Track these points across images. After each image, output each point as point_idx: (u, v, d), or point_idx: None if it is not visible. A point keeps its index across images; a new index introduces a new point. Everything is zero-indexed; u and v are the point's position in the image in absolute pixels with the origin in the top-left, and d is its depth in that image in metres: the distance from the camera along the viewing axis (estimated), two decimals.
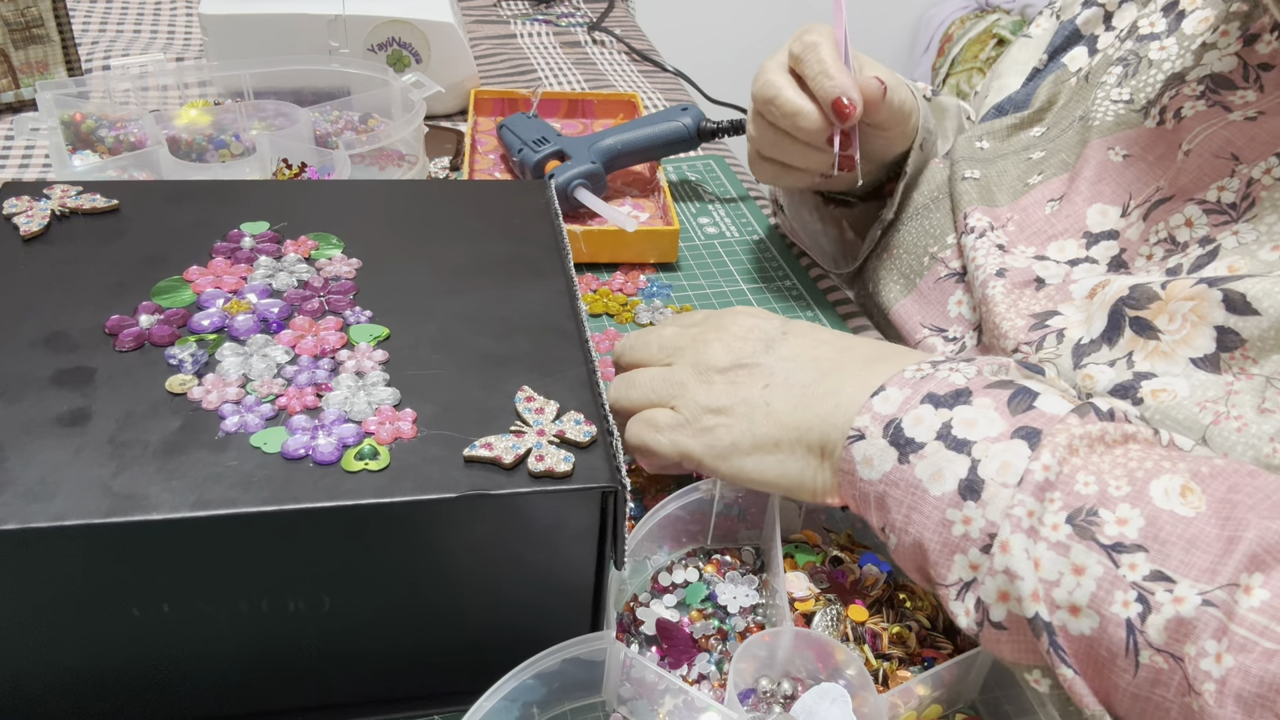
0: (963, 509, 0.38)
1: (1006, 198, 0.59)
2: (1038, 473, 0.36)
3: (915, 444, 0.39)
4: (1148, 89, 0.54)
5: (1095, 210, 0.54)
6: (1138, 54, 0.56)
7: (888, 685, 0.42)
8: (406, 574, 0.39)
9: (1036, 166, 0.59)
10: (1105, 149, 0.55)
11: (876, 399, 0.41)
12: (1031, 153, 0.60)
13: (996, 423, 0.38)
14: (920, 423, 0.40)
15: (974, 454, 0.38)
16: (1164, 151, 0.52)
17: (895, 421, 0.40)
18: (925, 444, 0.39)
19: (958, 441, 0.38)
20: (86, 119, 0.74)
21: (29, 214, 0.50)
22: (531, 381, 0.42)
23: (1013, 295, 0.53)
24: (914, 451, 0.39)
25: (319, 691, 0.42)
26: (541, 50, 1.13)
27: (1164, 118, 0.52)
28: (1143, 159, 0.53)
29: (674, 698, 0.40)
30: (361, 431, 0.39)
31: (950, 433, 0.39)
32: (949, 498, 0.38)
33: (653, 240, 0.74)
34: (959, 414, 0.39)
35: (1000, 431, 0.38)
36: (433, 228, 0.53)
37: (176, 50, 1.02)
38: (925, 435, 0.39)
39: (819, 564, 0.48)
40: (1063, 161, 0.58)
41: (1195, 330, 0.44)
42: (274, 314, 0.45)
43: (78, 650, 0.38)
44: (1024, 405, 0.39)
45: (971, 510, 0.37)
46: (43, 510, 0.34)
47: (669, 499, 0.48)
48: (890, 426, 0.40)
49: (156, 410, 0.39)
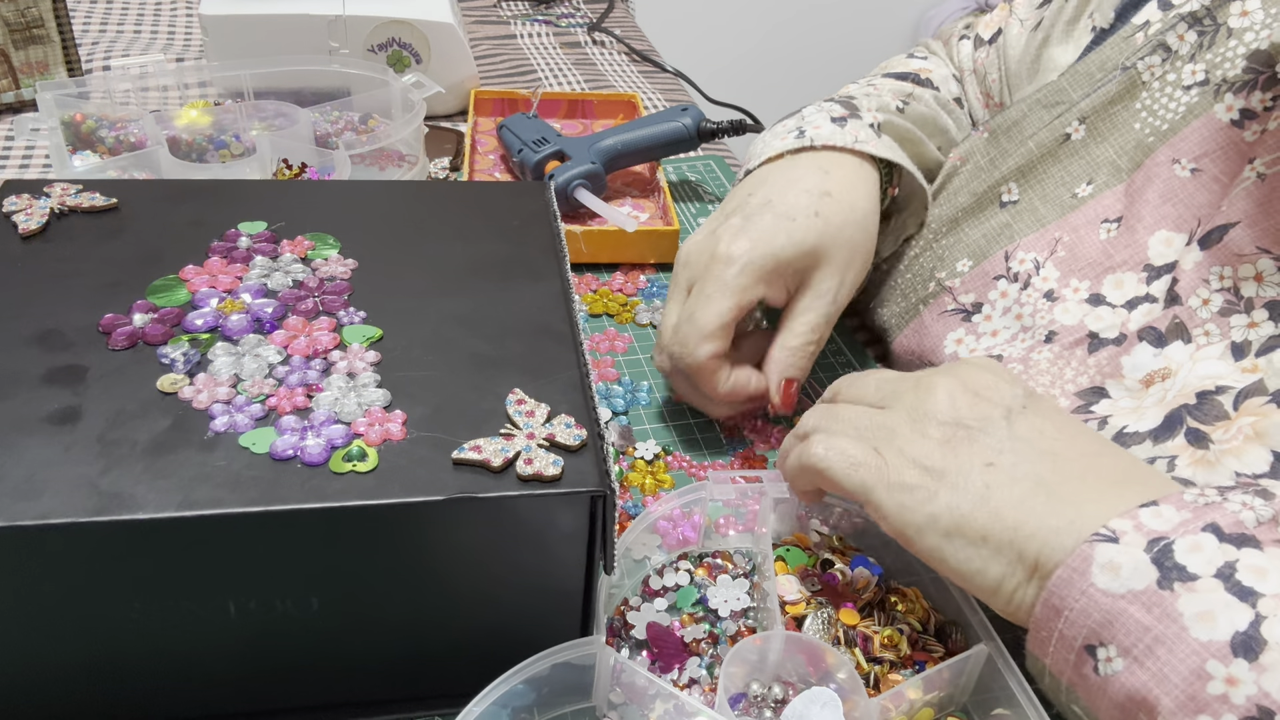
0: (1230, 665, 0.31)
1: (1054, 213, 0.54)
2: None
3: (1187, 573, 0.32)
4: (1225, 66, 0.47)
5: (1158, 239, 0.48)
6: (1214, 16, 0.49)
7: (879, 689, 0.42)
8: (394, 576, 0.39)
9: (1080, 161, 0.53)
10: (1170, 161, 0.48)
11: (1146, 511, 0.34)
12: (1067, 122, 0.54)
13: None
14: (1198, 551, 0.33)
15: (1261, 608, 0.31)
16: (1237, 167, 0.46)
17: (1166, 541, 0.33)
18: (1200, 577, 0.32)
19: (1242, 589, 0.32)
20: (87, 119, 0.75)
21: (28, 212, 0.50)
22: (523, 384, 0.42)
23: (1060, 363, 0.48)
24: (1183, 581, 0.32)
25: (307, 693, 0.42)
26: (541, 51, 1.13)
27: (1242, 120, 0.46)
28: (1214, 175, 0.47)
29: (664, 702, 0.40)
30: (350, 433, 0.39)
31: (1234, 575, 0.32)
32: (1216, 647, 0.31)
33: (653, 240, 0.74)
34: (1247, 557, 0.32)
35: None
36: (430, 229, 0.53)
37: (176, 50, 1.02)
38: (1202, 568, 0.32)
39: (810, 567, 0.48)
40: (1113, 165, 0.52)
41: (1248, 445, 0.40)
42: (268, 314, 0.45)
43: (65, 649, 0.38)
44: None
45: (1241, 671, 0.31)
46: (29, 508, 0.34)
47: (663, 500, 0.48)
48: (1157, 544, 0.33)
49: (147, 409, 0.39)
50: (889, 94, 0.66)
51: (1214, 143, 0.48)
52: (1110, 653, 0.34)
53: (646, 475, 0.55)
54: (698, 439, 0.59)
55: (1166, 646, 0.32)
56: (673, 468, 0.56)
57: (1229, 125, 0.47)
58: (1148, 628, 0.33)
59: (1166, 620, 0.32)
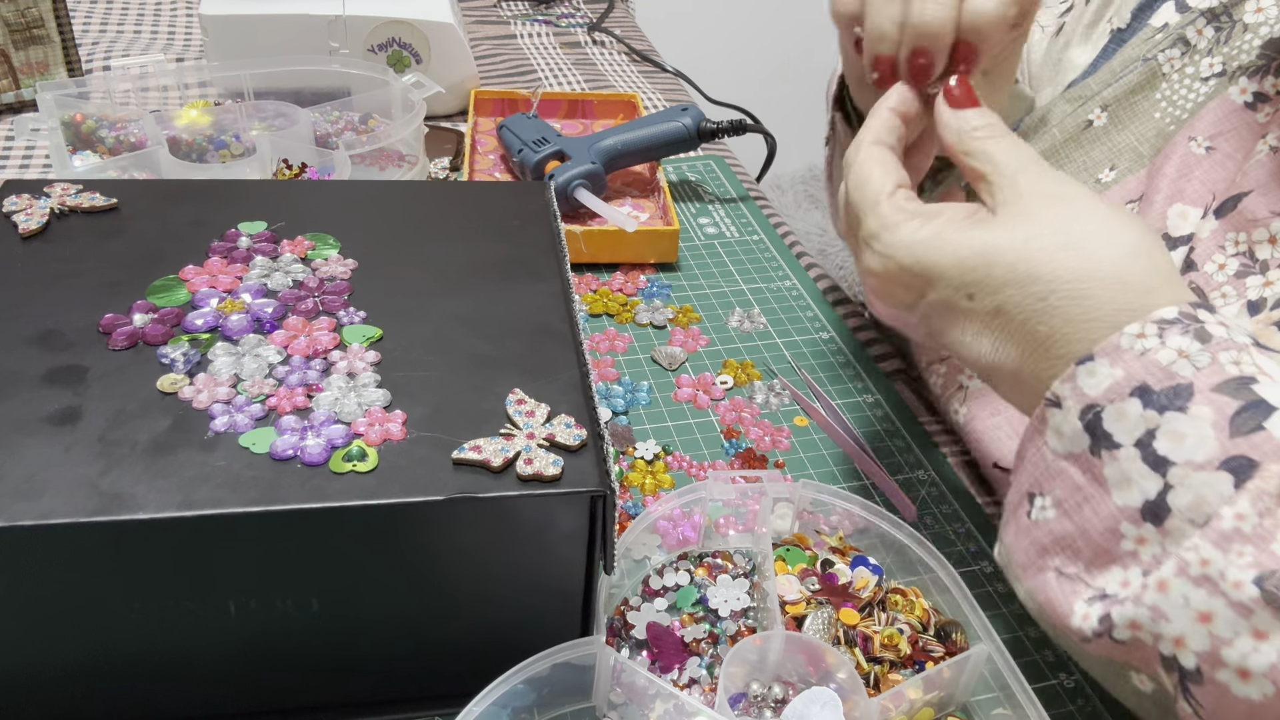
0: (1140, 528, 0.34)
1: None
2: (1227, 520, 0.32)
3: (1112, 441, 0.35)
4: (1240, 57, 0.49)
5: (1175, 212, 0.50)
6: (1231, 14, 0.50)
7: (879, 689, 0.42)
8: (394, 576, 0.39)
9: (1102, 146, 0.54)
10: (1187, 139, 0.50)
11: (1082, 370, 0.36)
12: (1090, 109, 0.55)
13: (1208, 444, 0.33)
14: (1123, 419, 0.35)
15: (1170, 478, 0.34)
16: (1251, 145, 0.48)
17: (1096, 409, 0.36)
18: (1122, 446, 0.35)
19: (1157, 458, 0.34)
20: (87, 119, 0.75)
21: (28, 212, 0.50)
22: (524, 384, 0.42)
23: None
24: (1108, 449, 0.35)
25: (307, 693, 0.42)
26: (541, 50, 1.13)
27: (1255, 103, 0.48)
28: (1227, 152, 0.48)
29: (664, 702, 0.40)
30: (350, 433, 0.39)
31: (1152, 444, 0.34)
32: (1129, 511, 0.35)
33: (653, 240, 0.74)
34: (1168, 424, 0.34)
35: (1208, 457, 0.33)
36: (430, 229, 0.53)
37: (176, 50, 1.02)
38: (1124, 437, 0.35)
39: (810, 566, 0.48)
40: (1135, 151, 0.53)
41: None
42: (268, 314, 0.45)
43: (65, 649, 0.38)
44: (1250, 425, 0.33)
45: (1149, 534, 0.34)
46: (30, 508, 0.34)
47: (663, 500, 0.48)
48: (1089, 413, 0.36)
49: (147, 409, 0.39)
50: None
51: (1228, 123, 0.49)
52: (1046, 502, 0.38)
53: (646, 475, 0.55)
54: (698, 439, 0.59)
55: (1091, 506, 0.36)
56: (673, 468, 0.56)
57: (1243, 107, 0.48)
58: (1079, 487, 0.36)
59: (1094, 483, 0.36)
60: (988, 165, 0.40)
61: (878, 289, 0.42)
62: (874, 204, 0.42)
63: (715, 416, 0.61)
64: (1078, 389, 0.36)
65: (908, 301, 0.41)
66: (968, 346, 0.40)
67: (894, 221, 0.41)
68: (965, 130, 0.42)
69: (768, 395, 0.63)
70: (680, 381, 0.63)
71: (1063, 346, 0.37)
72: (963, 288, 0.39)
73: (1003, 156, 0.40)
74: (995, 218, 0.39)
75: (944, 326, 0.41)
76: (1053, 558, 0.38)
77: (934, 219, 0.40)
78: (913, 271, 0.40)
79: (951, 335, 0.41)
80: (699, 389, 0.62)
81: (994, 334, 0.39)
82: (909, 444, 0.60)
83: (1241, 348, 0.35)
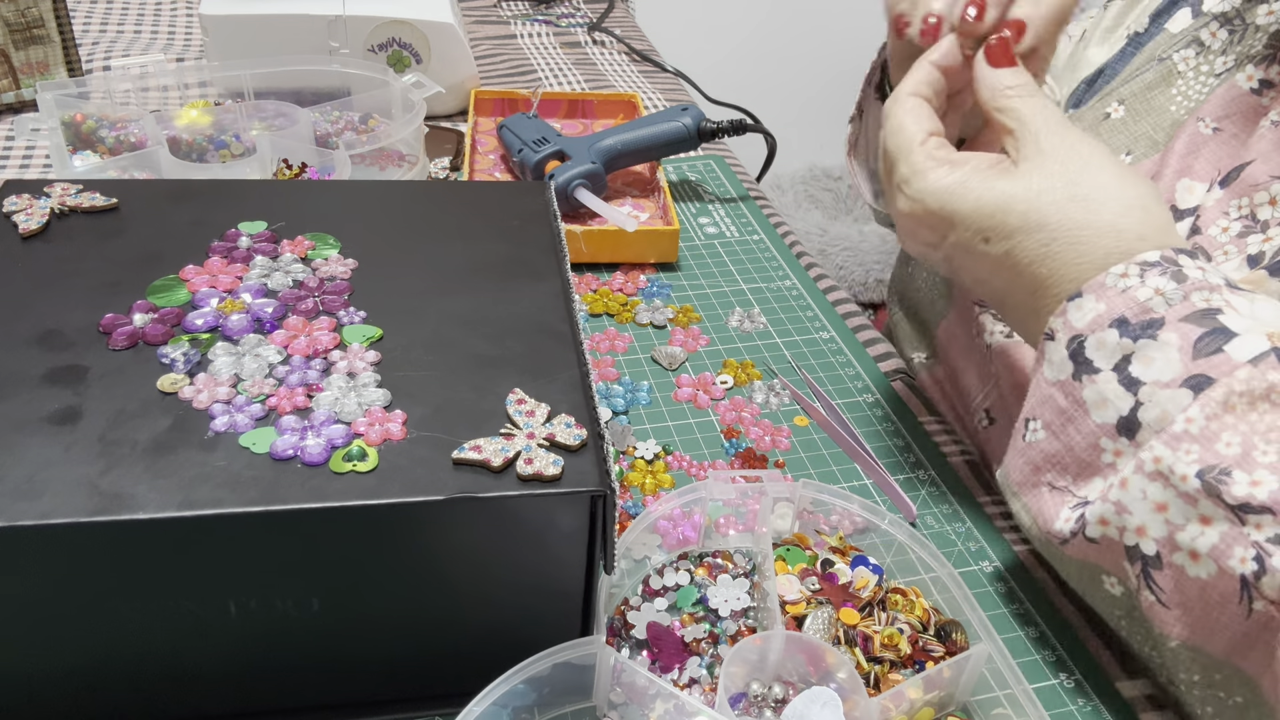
0: (1116, 442, 0.39)
1: None
2: (1179, 424, 0.37)
3: (1092, 367, 0.40)
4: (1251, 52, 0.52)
5: (1183, 186, 0.52)
6: (1243, 16, 0.53)
7: (879, 688, 0.42)
8: (394, 576, 0.39)
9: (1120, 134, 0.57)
10: (1196, 120, 0.53)
11: (1071, 305, 0.41)
12: (1108, 103, 0.58)
13: (1174, 365, 0.38)
14: (1102, 348, 0.40)
15: (1140, 395, 0.38)
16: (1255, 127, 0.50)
17: (1080, 339, 0.40)
18: (1101, 371, 0.39)
19: (1130, 379, 0.39)
20: (87, 119, 0.75)
21: (28, 212, 0.50)
22: (524, 384, 0.42)
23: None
24: (1089, 373, 0.40)
25: (307, 693, 0.42)
26: (541, 50, 1.13)
27: (1261, 89, 0.50)
28: (1233, 133, 0.51)
29: (665, 702, 0.40)
30: (350, 433, 0.39)
31: (1127, 368, 0.39)
32: (1107, 428, 0.39)
33: (653, 240, 0.74)
34: (1141, 350, 0.39)
35: (1173, 376, 0.38)
36: (430, 229, 0.53)
37: (177, 50, 1.02)
38: (1104, 362, 0.39)
39: (810, 566, 0.48)
40: (1150, 139, 0.56)
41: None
42: (268, 314, 0.45)
43: (65, 649, 0.38)
44: (1210, 348, 0.37)
45: (1124, 446, 0.39)
46: (30, 508, 0.34)
47: (663, 500, 0.48)
48: (1074, 342, 0.41)
49: (147, 409, 0.39)
50: None
51: (1234, 107, 0.52)
52: (1037, 425, 0.42)
53: (646, 475, 0.55)
54: (698, 439, 0.59)
55: (1075, 425, 0.41)
56: (673, 468, 0.56)
57: (1248, 93, 0.51)
58: (1063, 410, 0.41)
59: (1075, 405, 0.41)
60: (1015, 122, 0.44)
61: (908, 228, 0.46)
62: (907, 151, 0.45)
63: (715, 416, 0.61)
64: (1067, 322, 0.41)
65: (933, 241, 0.45)
66: (983, 284, 0.45)
67: (923, 168, 0.44)
68: (999, 87, 0.45)
69: (768, 395, 0.63)
70: (680, 381, 0.63)
71: (1058, 287, 0.42)
72: (980, 232, 0.43)
73: (1030, 114, 0.44)
74: (1016, 169, 0.43)
75: (963, 264, 0.45)
76: (1045, 474, 0.42)
77: (960, 166, 0.44)
78: (938, 215, 0.44)
79: (969, 273, 0.45)
80: (699, 389, 0.62)
81: (1005, 273, 0.43)
82: (909, 444, 0.60)
83: (1214, 288, 0.39)
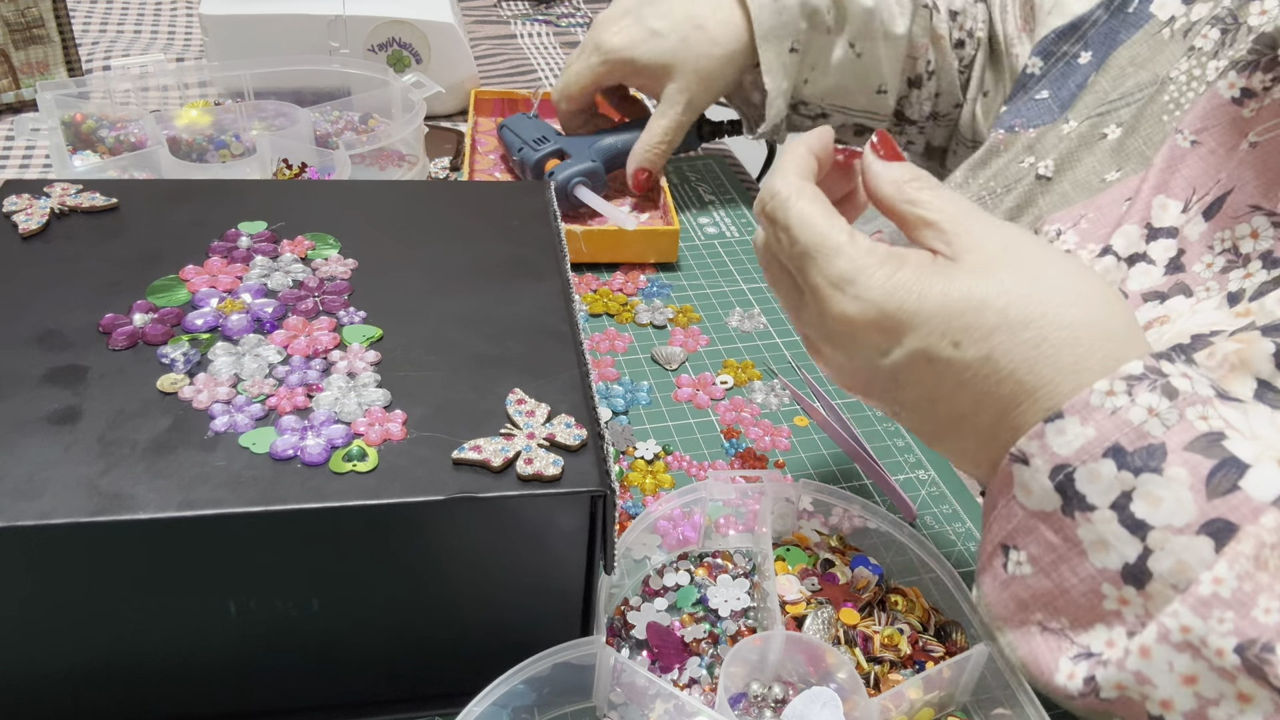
0: (1121, 590, 0.34)
1: (1082, 195, 0.57)
2: (1206, 586, 0.32)
3: (1086, 503, 0.34)
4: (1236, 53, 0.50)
5: (1158, 203, 0.50)
6: (1235, 16, 0.51)
7: (879, 689, 0.42)
8: (394, 576, 0.39)
9: (1113, 153, 0.56)
10: (1175, 133, 0.50)
11: (1051, 428, 0.35)
12: (1106, 123, 0.57)
13: (1186, 507, 0.33)
14: (1096, 481, 0.34)
15: (1149, 542, 0.33)
16: (1234, 141, 0.48)
17: (1068, 469, 0.35)
18: (1097, 508, 0.34)
19: (1135, 521, 0.33)
20: (87, 119, 0.75)
21: (28, 212, 0.50)
22: (524, 384, 0.42)
23: None
24: (1082, 510, 0.35)
25: (307, 693, 0.42)
26: (541, 50, 1.13)
27: (1242, 98, 0.48)
28: (1211, 148, 0.49)
29: (664, 703, 0.40)
30: (350, 433, 0.39)
31: (1128, 506, 0.34)
32: (1109, 574, 0.34)
33: (653, 240, 0.74)
34: (1145, 486, 0.33)
35: (1188, 521, 0.33)
36: (430, 228, 0.53)
37: (176, 50, 1.02)
38: (1099, 499, 0.34)
39: (810, 566, 0.48)
40: (1141, 155, 0.55)
41: (1234, 375, 0.40)
42: (268, 314, 0.45)
43: (65, 649, 0.38)
44: (1226, 485, 0.32)
45: (1131, 595, 0.34)
46: (29, 508, 0.34)
47: (663, 500, 0.48)
48: (1060, 473, 0.35)
49: (147, 409, 0.39)
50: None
51: (1214, 117, 0.49)
52: (1021, 557, 0.37)
53: (646, 475, 0.55)
54: (698, 439, 0.59)
55: (1069, 566, 0.36)
56: (673, 468, 0.56)
57: (1229, 102, 0.49)
58: (1053, 546, 0.36)
59: (1069, 544, 0.35)
60: (935, 214, 0.39)
61: (850, 335, 0.39)
62: (837, 246, 0.39)
63: (715, 416, 0.61)
64: (1046, 447, 0.35)
65: (882, 348, 0.38)
66: (939, 404, 0.38)
67: (867, 263, 0.38)
68: (900, 180, 0.40)
69: (768, 395, 0.63)
70: (680, 381, 0.63)
71: (1049, 400, 0.36)
72: (949, 334, 0.37)
73: (947, 204, 0.39)
74: (964, 264, 0.38)
75: (919, 379, 0.38)
76: (1034, 612, 0.37)
77: (906, 262, 0.38)
78: (895, 317, 0.37)
79: (923, 389, 0.39)
80: (699, 389, 0.62)
81: (976, 386, 0.37)
82: (909, 444, 0.60)
83: (1206, 401, 0.34)
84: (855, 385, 0.42)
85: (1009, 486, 0.37)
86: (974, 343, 0.37)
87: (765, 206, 0.42)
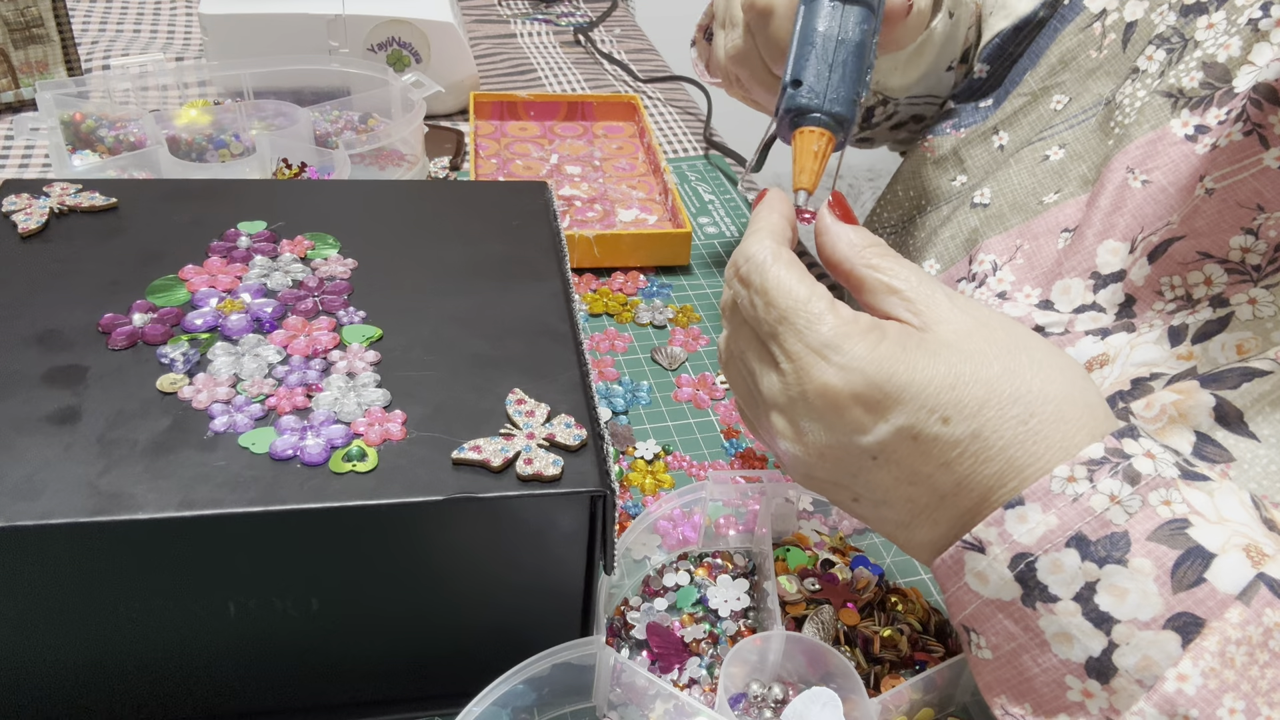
0: (1085, 683, 0.33)
1: (1018, 217, 0.56)
2: (1170, 684, 0.31)
3: (1048, 594, 0.33)
4: (1184, 79, 0.49)
5: (1105, 248, 0.49)
6: (1182, 33, 0.50)
7: (879, 689, 0.42)
8: (394, 576, 0.39)
9: (1054, 175, 0.55)
10: (1125, 170, 0.49)
11: (1011, 515, 0.34)
12: (1049, 145, 0.56)
13: (1152, 601, 0.32)
14: (1059, 571, 0.33)
15: (1115, 636, 0.32)
16: (1186, 181, 0.47)
17: (1029, 559, 0.33)
18: (1060, 600, 0.33)
19: (1099, 614, 0.32)
20: (86, 119, 0.75)
21: (28, 212, 0.50)
22: (523, 384, 0.42)
23: None
24: (1044, 601, 0.33)
25: (307, 693, 0.42)
26: (541, 50, 1.13)
27: (1196, 135, 0.47)
28: (1161, 185, 0.48)
29: (664, 703, 0.40)
30: (350, 433, 0.39)
31: (1093, 599, 0.32)
32: (1073, 666, 0.33)
33: (664, 243, 0.74)
34: (1109, 578, 0.32)
35: (1153, 615, 0.32)
36: (430, 228, 0.53)
37: (176, 50, 1.02)
38: (1062, 590, 0.33)
39: (810, 567, 0.48)
40: (1083, 177, 0.53)
41: (1171, 428, 0.39)
42: (267, 314, 0.45)
43: (64, 649, 0.38)
44: (1191, 578, 0.32)
45: (1095, 689, 0.33)
46: (29, 509, 0.34)
47: (663, 500, 0.48)
48: (1020, 562, 0.34)
49: (146, 409, 0.39)
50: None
51: (1167, 156, 0.48)
52: (981, 642, 0.36)
53: (646, 475, 0.55)
54: (698, 439, 0.59)
55: (1030, 655, 0.34)
56: (673, 468, 0.56)
57: (1183, 140, 0.48)
58: (1013, 635, 0.34)
59: (1029, 634, 0.34)
60: (902, 282, 0.37)
61: (830, 408, 0.36)
62: (818, 313, 0.36)
63: (715, 416, 0.61)
64: (1006, 535, 0.34)
65: (863, 425, 0.35)
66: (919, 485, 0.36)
67: (851, 331, 0.36)
68: (859, 244, 0.39)
69: None
70: (680, 381, 0.63)
71: (1035, 480, 0.34)
72: (938, 409, 0.35)
73: (913, 274, 0.38)
74: (938, 335, 0.36)
75: (902, 459, 0.36)
76: (997, 696, 0.36)
77: (887, 332, 0.36)
78: (882, 389, 0.35)
79: (898, 471, 0.36)
80: (699, 389, 0.62)
81: (962, 465, 0.35)
82: None
83: (1170, 484, 0.33)
84: (819, 469, 0.38)
85: (959, 574, 0.35)
86: (964, 419, 0.34)
87: (740, 270, 0.39)
